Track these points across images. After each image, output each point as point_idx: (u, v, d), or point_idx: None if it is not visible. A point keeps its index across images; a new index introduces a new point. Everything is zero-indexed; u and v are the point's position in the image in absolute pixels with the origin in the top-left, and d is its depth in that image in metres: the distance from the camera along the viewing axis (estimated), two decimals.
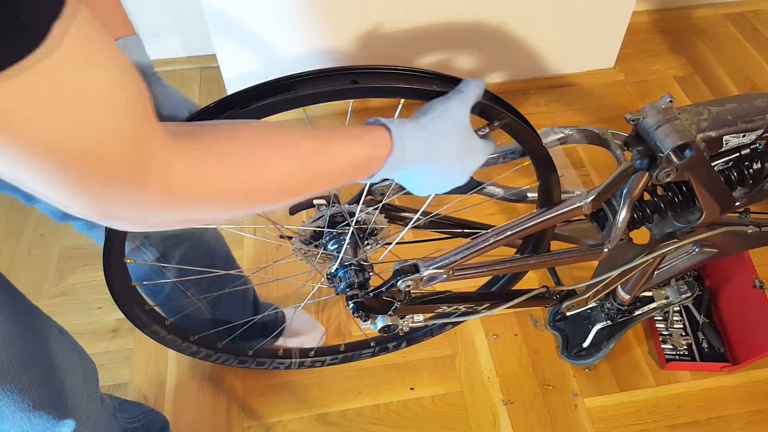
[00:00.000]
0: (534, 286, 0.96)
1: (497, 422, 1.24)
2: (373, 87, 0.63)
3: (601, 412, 1.25)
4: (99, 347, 1.35)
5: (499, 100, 0.69)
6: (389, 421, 1.25)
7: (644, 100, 1.84)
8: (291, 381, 1.30)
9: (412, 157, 0.59)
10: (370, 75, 0.63)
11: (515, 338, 1.36)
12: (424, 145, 0.60)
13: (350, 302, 0.82)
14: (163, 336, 0.91)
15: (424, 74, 0.65)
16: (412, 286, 0.81)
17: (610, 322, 1.28)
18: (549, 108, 1.84)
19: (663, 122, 0.76)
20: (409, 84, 0.63)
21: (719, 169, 0.88)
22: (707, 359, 1.29)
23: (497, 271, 0.90)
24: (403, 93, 0.64)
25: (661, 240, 0.94)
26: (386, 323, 0.84)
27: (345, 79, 0.62)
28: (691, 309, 1.34)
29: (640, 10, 2.07)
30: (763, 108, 0.81)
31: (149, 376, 1.30)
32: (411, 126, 0.60)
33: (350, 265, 0.82)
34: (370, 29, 1.67)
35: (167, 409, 1.26)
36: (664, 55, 1.99)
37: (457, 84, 0.64)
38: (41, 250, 1.52)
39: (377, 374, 1.30)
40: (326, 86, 0.61)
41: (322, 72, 0.61)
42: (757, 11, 2.11)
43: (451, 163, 0.63)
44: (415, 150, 0.59)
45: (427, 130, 0.61)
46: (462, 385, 1.29)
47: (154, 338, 0.91)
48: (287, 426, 1.25)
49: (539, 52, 1.82)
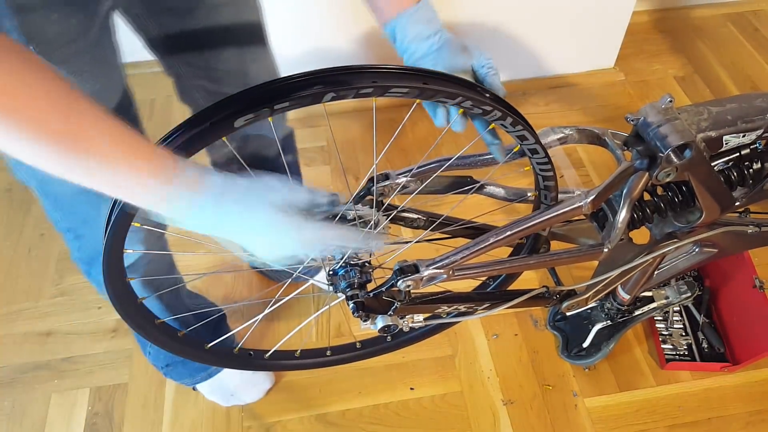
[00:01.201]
0: (534, 286, 0.96)
1: (497, 422, 1.24)
2: (438, 90, 0.62)
3: (601, 412, 1.25)
4: (99, 347, 1.35)
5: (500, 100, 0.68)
6: (389, 421, 1.25)
7: (644, 100, 1.84)
8: (291, 381, 1.30)
9: (210, 207, 0.57)
10: (437, 80, 0.63)
11: (515, 338, 1.36)
12: (230, 202, 0.58)
13: (350, 302, 0.81)
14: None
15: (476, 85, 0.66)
16: (412, 286, 0.81)
17: (610, 322, 1.28)
18: (549, 108, 1.84)
19: (663, 122, 0.76)
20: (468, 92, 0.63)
21: (719, 169, 0.88)
22: (707, 359, 1.29)
23: (497, 270, 0.90)
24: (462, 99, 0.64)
25: (661, 240, 0.94)
26: (386, 323, 0.84)
27: (417, 79, 0.61)
28: (691, 309, 1.34)
29: (640, 10, 2.07)
30: (763, 108, 0.81)
31: (149, 376, 1.30)
32: (220, 178, 0.58)
33: (351, 264, 0.82)
34: (370, 29, 1.67)
35: (167, 408, 1.27)
36: (664, 55, 1.99)
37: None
38: (41, 250, 1.52)
39: (377, 374, 1.30)
40: (402, 82, 0.61)
41: (395, 68, 0.61)
42: (757, 11, 2.11)
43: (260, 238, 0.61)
44: (218, 201, 0.57)
45: (236, 187, 0.58)
46: (462, 385, 1.29)
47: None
48: (287, 426, 1.25)
49: (539, 52, 1.83)
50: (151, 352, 1.21)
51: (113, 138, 0.53)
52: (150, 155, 0.54)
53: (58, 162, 0.51)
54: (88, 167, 0.52)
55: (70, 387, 1.31)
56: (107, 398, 1.29)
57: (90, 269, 0.93)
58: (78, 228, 0.88)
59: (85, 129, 0.51)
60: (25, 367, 1.33)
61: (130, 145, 0.53)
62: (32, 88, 0.47)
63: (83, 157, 0.51)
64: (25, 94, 0.47)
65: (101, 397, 1.29)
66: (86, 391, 1.30)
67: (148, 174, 0.54)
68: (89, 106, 0.51)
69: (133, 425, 1.25)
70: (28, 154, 0.50)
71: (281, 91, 0.58)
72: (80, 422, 1.26)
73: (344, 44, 1.71)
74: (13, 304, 1.42)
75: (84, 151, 0.51)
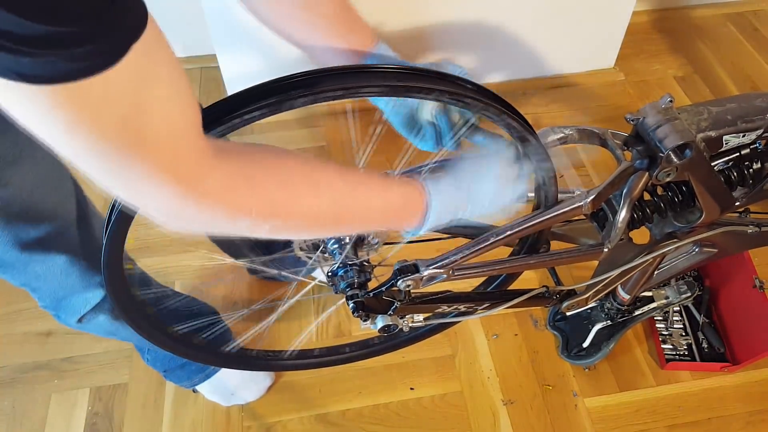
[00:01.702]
0: (534, 286, 0.96)
1: (497, 422, 1.24)
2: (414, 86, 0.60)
3: (601, 412, 1.25)
4: (99, 347, 1.35)
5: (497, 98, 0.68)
6: (389, 421, 1.25)
7: (644, 100, 1.84)
8: (291, 381, 1.30)
9: (447, 213, 0.62)
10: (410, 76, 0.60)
11: (515, 338, 1.36)
12: (458, 202, 0.63)
13: (350, 302, 0.81)
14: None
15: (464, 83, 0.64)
16: (412, 285, 0.81)
17: (610, 322, 1.28)
18: (549, 108, 1.84)
19: (663, 122, 0.76)
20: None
21: (719, 169, 0.88)
22: (707, 359, 1.29)
23: (497, 270, 0.90)
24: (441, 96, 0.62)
25: (661, 240, 0.94)
26: (386, 323, 0.84)
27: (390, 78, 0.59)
28: (691, 309, 1.34)
29: (640, 10, 2.07)
30: (763, 108, 0.81)
31: (149, 376, 1.30)
32: (445, 185, 0.62)
33: (351, 264, 0.82)
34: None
35: (167, 408, 1.27)
36: (664, 55, 1.99)
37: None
38: None
39: (377, 374, 1.30)
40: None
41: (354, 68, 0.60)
42: (757, 11, 2.11)
43: (485, 211, 0.67)
44: (450, 207, 0.62)
45: (460, 190, 0.63)
46: (462, 385, 1.29)
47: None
48: (287, 426, 1.24)
49: (539, 52, 1.82)
50: (149, 358, 1.21)
51: (370, 187, 0.59)
52: (403, 204, 0.60)
53: (344, 230, 0.61)
54: (357, 222, 0.60)
55: (70, 387, 1.31)
56: (107, 398, 1.29)
57: (58, 313, 0.93)
58: (31, 282, 0.87)
59: (355, 191, 0.58)
60: (25, 367, 1.33)
61: (383, 187, 0.59)
62: (308, 197, 0.55)
63: (358, 212, 0.58)
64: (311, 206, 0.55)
65: (101, 397, 1.29)
66: (86, 391, 1.30)
67: (406, 219, 0.61)
68: (334, 167, 0.57)
69: (133, 425, 1.25)
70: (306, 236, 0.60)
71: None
72: (80, 422, 1.26)
73: None
74: (13, 304, 1.42)
75: (360, 206, 0.58)
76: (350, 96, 0.57)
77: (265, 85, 0.56)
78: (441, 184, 0.62)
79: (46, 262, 0.83)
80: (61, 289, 0.88)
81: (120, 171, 0.43)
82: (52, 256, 0.83)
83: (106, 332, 1.00)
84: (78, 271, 0.87)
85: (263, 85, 0.56)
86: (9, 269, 0.83)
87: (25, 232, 0.78)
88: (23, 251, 0.79)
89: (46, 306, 0.92)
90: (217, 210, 0.49)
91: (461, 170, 0.64)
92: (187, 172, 0.45)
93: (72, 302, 0.91)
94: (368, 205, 0.57)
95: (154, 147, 0.42)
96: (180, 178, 0.45)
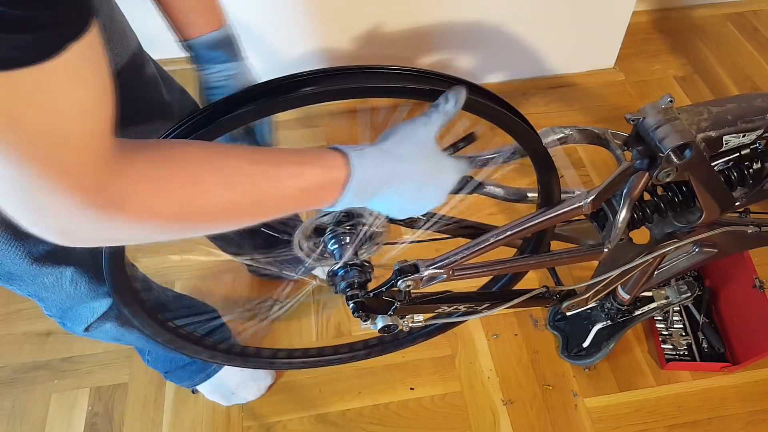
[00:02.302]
0: (534, 286, 0.96)
1: (497, 422, 1.24)
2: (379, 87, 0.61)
3: (601, 412, 1.25)
4: (99, 347, 1.35)
5: (494, 97, 0.68)
6: (389, 421, 1.25)
7: (644, 100, 1.84)
8: (291, 381, 1.30)
9: (377, 183, 0.58)
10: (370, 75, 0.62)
11: (515, 338, 1.36)
12: (388, 170, 0.58)
13: (350, 302, 0.81)
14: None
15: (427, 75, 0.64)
16: (412, 286, 0.81)
17: (610, 322, 1.28)
18: (549, 108, 1.84)
19: (663, 122, 0.76)
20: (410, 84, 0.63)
21: (719, 169, 0.88)
22: (707, 359, 1.28)
23: (497, 271, 0.90)
24: (403, 93, 0.63)
25: (661, 240, 0.94)
26: (386, 323, 0.84)
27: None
28: (691, 309, 1.34)
29: (640, 10, 2.07)
30: (763, 108, 0.81)
31: (149, 376, 1.30)
32: (371, 151, 0.58)
33: (351, 265, 0.82)
34: (369, 29, 1.67)
35: (167, 408, 1.27)
36: (664, 55, 1.99)
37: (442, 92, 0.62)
38: None
39: (377, 374, 1.30)
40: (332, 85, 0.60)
41: (329, 71, 0.61)
42: (757, 11, 2.11)
43: (421, 186, 0.62)
44: (379, 176, 0.58)
45: (389, 155, 0.59)
46: (462, 385, 1.29)
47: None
48: (287, 426, 1.25)
49: (539, 52, 1.82)
50: (150, 359, 1.21)
51: (284, 165, 0.55)
52: (321, 180, 0.56)
53: (268, 215, 0.56)
54: (279, 205, 0.56)
55: (70, 387, 1.31)
56: (107, 398, 1.29)
57: (65, 321, 0.93)
58: (39, 293, 0.87)
59: (268, 173, 0.54)
60: (25, 367, 1.33)
61: (299, 162, 0.55)
62: (217, 187, 0.51)
63: (276, 195, 0.55)
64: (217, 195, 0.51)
65: (101, 397, 1.29)
66: (86, 391, 1.30)
67: (326, 197, 0.57)
68: (244, 152, 0.54)
69: (133, 425, 1.25)
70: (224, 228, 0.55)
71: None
72: (80, 422, 1.26)
73: (346, 44, 1.71)
74: (13, 304, 1.42)
75: (272, 211, 0.55)
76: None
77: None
78: (366, 152, 0.57)
79: (55, 274, 0.83)
80: (68, 300, 0.87)
81: (20, 175, 0.39)
82: (61, 269, 0.83)
83: (112, 338, 1.00)
84: (86, 282, 0.87)
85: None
86: (18, 281, 0.82)
87: (35, 245, 0.77)
88: (33, 264, 0.79)
89: (53, 315, 0.92)
90: (123, 219, 0.46)
91: (393, 134, 0.60)
92: (89, 182, 0.43)
93: (79, 312, 0.91)
94: (285, 183, 0.54)
95: (59, 150, 0.40)
96: (81, 186, 0.42)
